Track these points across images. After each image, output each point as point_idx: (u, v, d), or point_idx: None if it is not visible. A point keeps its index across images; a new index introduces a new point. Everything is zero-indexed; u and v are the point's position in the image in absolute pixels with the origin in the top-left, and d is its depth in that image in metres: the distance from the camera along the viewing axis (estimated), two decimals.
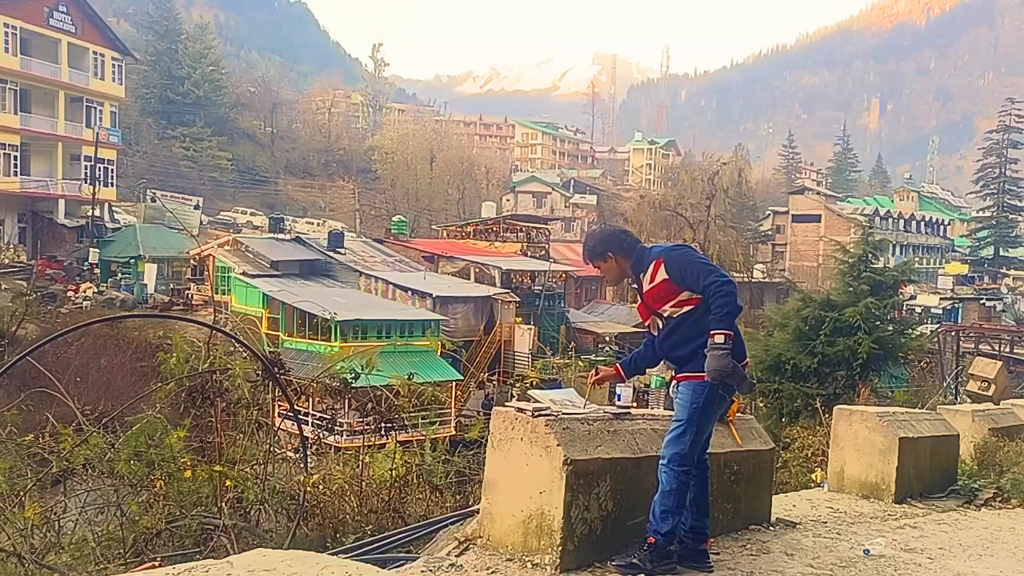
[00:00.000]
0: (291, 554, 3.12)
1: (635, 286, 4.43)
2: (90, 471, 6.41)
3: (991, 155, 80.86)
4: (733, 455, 5.07)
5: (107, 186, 48.42)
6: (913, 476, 6.98)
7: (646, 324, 4.46)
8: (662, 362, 4.50)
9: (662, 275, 4.18)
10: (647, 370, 5.61)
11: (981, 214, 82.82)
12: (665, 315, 4.26)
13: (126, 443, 6.19)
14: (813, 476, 9.50)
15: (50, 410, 7.80)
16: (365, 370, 9.21)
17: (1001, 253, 76.98)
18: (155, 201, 52.77)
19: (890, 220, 76.69)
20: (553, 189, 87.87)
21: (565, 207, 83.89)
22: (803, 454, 11.81)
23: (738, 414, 5.31)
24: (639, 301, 4.48)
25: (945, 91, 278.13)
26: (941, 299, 54.52)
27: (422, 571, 3.86)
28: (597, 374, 4.79)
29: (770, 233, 73.24)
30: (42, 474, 6.21)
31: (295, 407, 7.80)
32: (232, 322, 31.37)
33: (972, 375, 19.93)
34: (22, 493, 5.88)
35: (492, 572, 3.92)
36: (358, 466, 7.65)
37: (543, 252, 48.21)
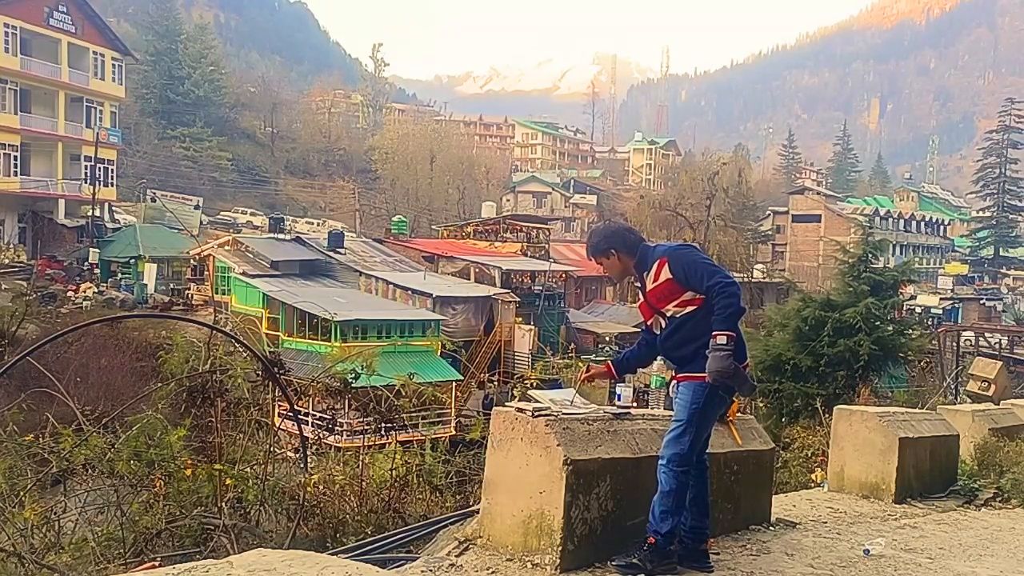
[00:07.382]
0: (291, 554, 3.11)
1: (638, 284, 4.43)
2: (90, 471, 6.41)
3: (991, 155, 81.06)
4: (733, 455, 5.06)
5: (107, 186, 48.41)
6: (913, 476, 6.97)
7: (648, 323, 4.45)
8: (655, 362, 4.48)
9: (666, 274, 4.17)
10: (639, 369, 5.62)
11: (981, 214, 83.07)
12: (668, 314, 4.25)
13: (126, 443, 6.20)
14: (813, 476, 9.50)
15: (50, 410, 7.81)
16: (365, 371, 9.21)
17: (1001, 253, 77.15)
18: (155, 201, 52.79)
19: (890, 220, 76.70)
20: (553, 189, 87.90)
21: (565, 207, 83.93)
22: (803, 454, 11.81)
23: (738, 414, 5.30)
24: (641, 299, 4.47)
25: (945, 91, 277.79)
26: (941, 299, 54.56)
27: (422, 571, 3.86)
28: (588, 371, 4.81)
29: (770, 233, 73.25)
30: (42, 474, 6.21)
31: (295, 407, 7.80)
32: (232, 322, 31.34)
33: (972, 375, 19.95)
34: (22, 493, 5.87)
35: (492, 572, 3.92)
36: (358, 466, 7.66)
37: (543, 252, 48.17)
